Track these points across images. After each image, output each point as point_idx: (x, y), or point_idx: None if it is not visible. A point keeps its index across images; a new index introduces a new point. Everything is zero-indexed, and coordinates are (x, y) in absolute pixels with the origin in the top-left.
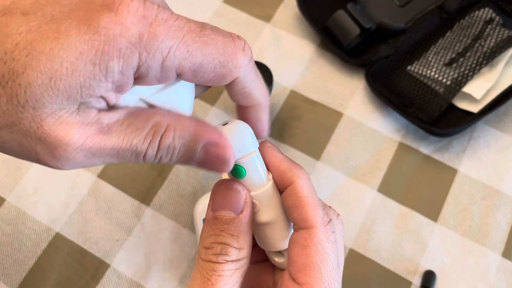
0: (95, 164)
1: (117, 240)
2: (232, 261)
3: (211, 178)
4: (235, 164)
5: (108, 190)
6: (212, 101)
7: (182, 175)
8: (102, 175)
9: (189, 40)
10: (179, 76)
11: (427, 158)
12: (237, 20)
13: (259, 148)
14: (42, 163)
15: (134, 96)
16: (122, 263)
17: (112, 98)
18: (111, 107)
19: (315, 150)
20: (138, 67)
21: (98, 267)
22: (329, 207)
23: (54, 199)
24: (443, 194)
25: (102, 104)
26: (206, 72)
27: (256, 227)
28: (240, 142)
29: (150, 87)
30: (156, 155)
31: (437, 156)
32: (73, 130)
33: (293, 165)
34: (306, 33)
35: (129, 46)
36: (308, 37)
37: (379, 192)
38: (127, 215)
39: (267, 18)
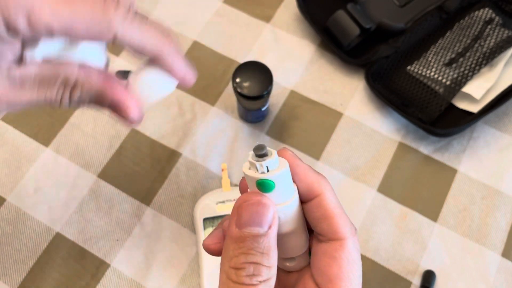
0: (15, 110)
1: (117, 240)
2: (264, 281)
3: (212, 178)
4: (265, 179)
5: (108, 190)
6: (212, 101)
7: (182, 175)
8: (102, 175)
9: (52, 1)
10: (51, 32)
11: (427, 158)
12: (237, 21)
13: (283, 155)
14: None
15: (50, 49)
16: (122, 263)
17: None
18: (22, 62)
19: (315, 150)
20: (6, 24)
21: (98, 267)
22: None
23: (54, 199)
24: (443, 194)
25: (9, 58)
26: (79, 30)
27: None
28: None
29: (58, 43)
30: (70, 104)
31: (437, 156)
32: None
33: (319, 177)
34: (306, 33)
35: None
36: (308, 37)
37: (379, 192)
38: (127, 215)
39: (267, 18)
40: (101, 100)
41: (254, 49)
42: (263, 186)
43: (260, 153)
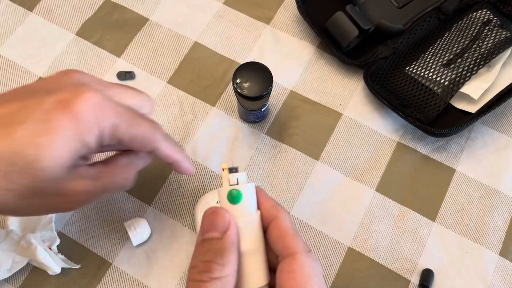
0: (98, 198)
1: (118, 239)
2: (216, 278)
3: (212, 178)
4: (235, 189)
5: None
6: (212, 101)
7: (183, 176)
8: None
9: (126, 122)
10: (122, 143)
11: (425, 158)
12: (237, 22)
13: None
14: (61, 211)
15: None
16: (123, 261)
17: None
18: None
19: (314, 150)
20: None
21: (100, 266)
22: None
23: None
24: (441, 193)
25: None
26: (137, 142)
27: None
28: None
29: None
30: (132, 183)
31: (435, 156)
32: (81, 181)
33: (277, 204)
34: (306, 34)
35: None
36: (308, 38)
37: (377, 191)
38: (129, 214)
39: (267, 19)
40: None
41: (254, 50)
42: (232, 196)
43: (232, 168)
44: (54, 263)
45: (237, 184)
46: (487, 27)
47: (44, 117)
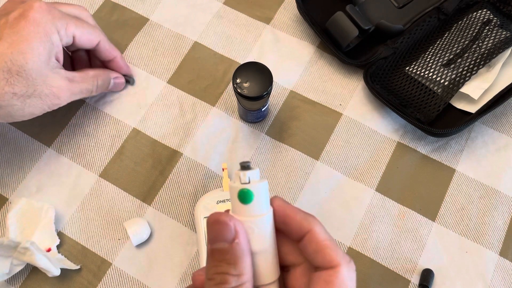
0: (74, 97)
1: (119, 239)
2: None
3: (211, 177)
4: (246, 189)
5: (110, 189)
6: (212, 101)
7: (183, 175)
8: (103, 175)
9: (73, 22)
10: (75, 38)
11: (425, 158)
12: (237, 22)
13: (275, 200)
14: (53, 106)
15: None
16: (124, 261)
17: (64, 64)
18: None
19: (315, 150)
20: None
21: (100, 265)
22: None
23: (56, 198)
24: (441, 193)
25: (63, 68)
26: (84, 38)
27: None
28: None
29: None
30: (97, 90)
31: (435, 156)
32: (62, 80)
33: (307, 215)
34: (306, 35)
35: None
36: (308, 38)
37: (377, 191)
38: (129, 214)
39: (267, 19)
40: (109, 79)
41: (254, 50)
42: (243, 196)
43: (245, 164)
44: (53, 267)
45: (249, 183)
46: (487, 27)
47: (14, 30)
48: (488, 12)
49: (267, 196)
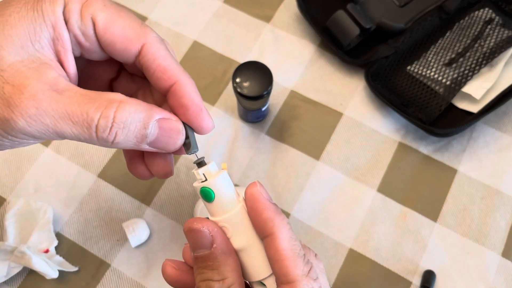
0: (47, 128)
1: (117, 240)
2: None
3: None
4: (204, 187)
5: (108, 190)
6: (212, 101)
7: (182, 175)
8: (102, 175)
9: (106, 1)
10: (97, 26)
11: (427, 158)
12: (237, 20)
13: (248, 189)
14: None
15: None
16: (122, 263)
17: (71, 66)
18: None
19: (315, 150)
20: (64, 10)
21: (99, 267)
22: (308, 248)
23: (54, 198)
24: (442, 194)
25: (62, 72)
26: (116, 29)
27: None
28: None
29: None
30: (111, 129)
31: (437, 156)
32: (29, 80)
33: (275, 215)
34: (306, 33)
35: None
36: (308, 37)
37: (379, 192)
38: (128, 215)
39: (267, 18)
40: (148, 119)
41: (254, 49)
42: (204, 195)
43: (197, 162)
44: (50, 270)
45: (205, 180)
46: (489, 26)
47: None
48: (490, 11)
49: (230, 188)
